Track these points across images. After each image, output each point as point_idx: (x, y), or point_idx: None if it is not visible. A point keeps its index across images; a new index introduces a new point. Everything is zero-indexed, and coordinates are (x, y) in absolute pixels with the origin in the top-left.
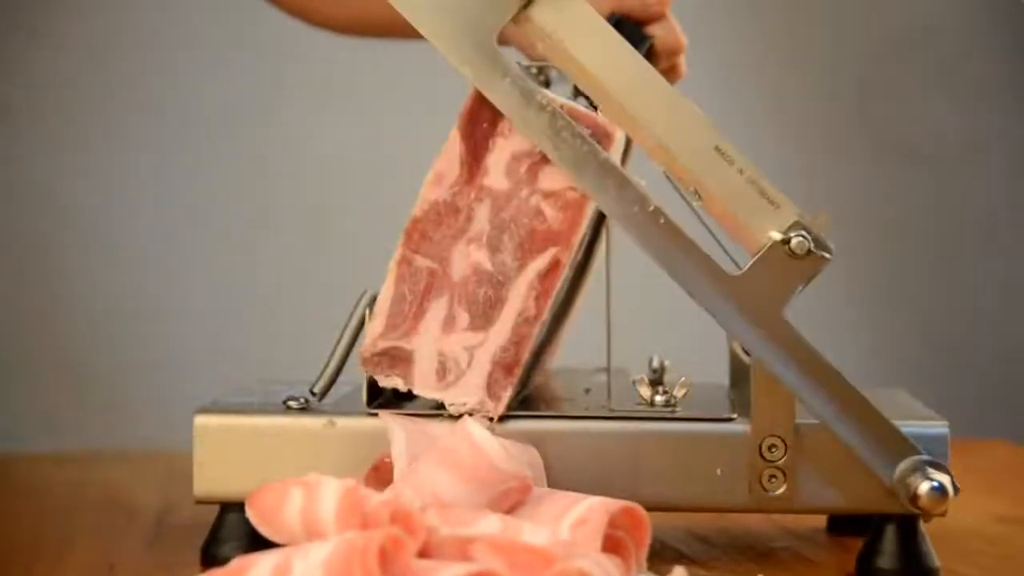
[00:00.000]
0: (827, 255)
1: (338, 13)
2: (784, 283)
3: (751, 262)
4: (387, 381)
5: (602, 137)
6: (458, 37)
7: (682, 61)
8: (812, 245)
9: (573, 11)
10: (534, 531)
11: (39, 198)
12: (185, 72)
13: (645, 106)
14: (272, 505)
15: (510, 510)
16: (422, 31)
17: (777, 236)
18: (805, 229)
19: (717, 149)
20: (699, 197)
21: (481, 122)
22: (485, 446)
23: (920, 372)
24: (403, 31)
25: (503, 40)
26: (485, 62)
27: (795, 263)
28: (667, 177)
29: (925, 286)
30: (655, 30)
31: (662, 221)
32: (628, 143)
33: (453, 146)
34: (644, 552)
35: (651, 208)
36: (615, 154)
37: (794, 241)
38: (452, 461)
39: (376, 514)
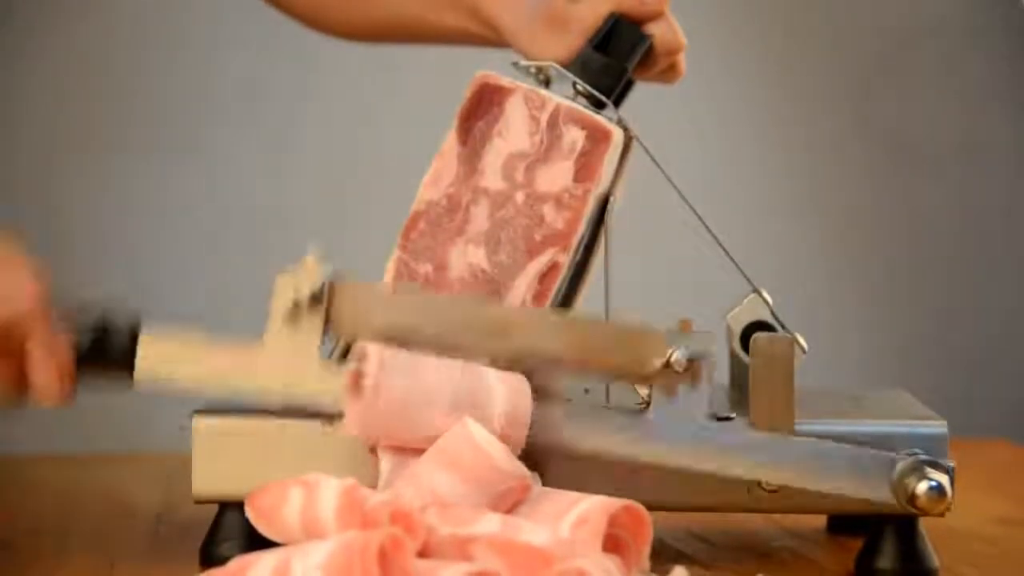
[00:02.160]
0: (708, 357)
1: (345, 19)
2: (690, 400)
3: (652, 396)
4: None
5: (601, 137)
6: (292, 376)
7: (681, 60)
8: (689, 354)
9: (370, 295)
10: (534, 531)
11: (38, 198)
12: (185, 72)
13: (480, 336)
14: (271, 505)
15: (510, 510)
16: (270, 393)
17: (658, 363)
18: (680, 344)
19: (565, 327)
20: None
21: (478, 122)
22: (486, 446)
23: (920, 372)
24: (408, 36)
25: (500, 42)
26: (327, 380)
27: (688, 376)
28: (666, 177)
29: (925, 286)
30: (653, 29)
31: (562, 410)
32: (628, 143)
33: (451, 146)
34: (645, 551)
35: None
36: (613, 154)
37: (673, 359)
38: (452, 461)
39: (376, 514)
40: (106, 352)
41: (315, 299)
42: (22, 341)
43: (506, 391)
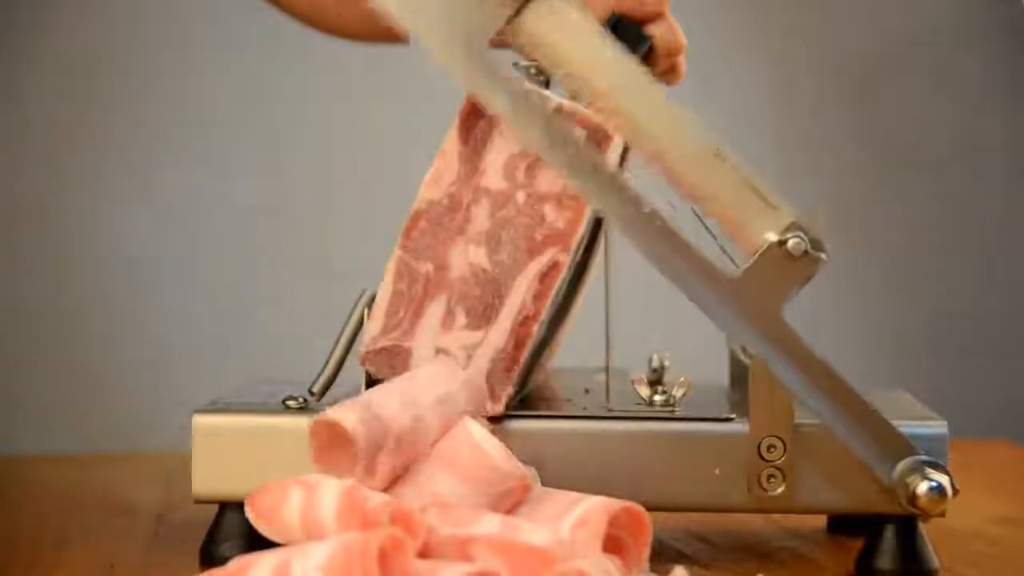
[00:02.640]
0: (823, 256)
1: (343, 19)
2: (781, 284)
3: (748, 263)
4: (385, 379)
5: (601, 137)
6: (450, 45)
7: (682, 61)
8: (809, 246)
9: (565, 17)
10: (534, 531)
11: (38, 199)
12: (185, 72)
13: (640, 111)
14: (271, 505)
15: (510, 510)
16: (416, 39)
17: (773, 237)
18: (802, 230)
19: (714, 152)
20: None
21: (480, 122)
22: (485, 446)
23: (920, 372)
24: (407, 37)
25: (499, 42)
26: (477, 69)
27: (792, 264)
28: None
29: (925, 286)
30: (654, 30)
31: (658, 223)
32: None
33: (452, 145)
34: (645, 552)
35: (647, 210)
36: (613, 154)
37: (791, 242)
38: (452, 461)
39: (376, 514)
40: None
41: None
42: None
43: None
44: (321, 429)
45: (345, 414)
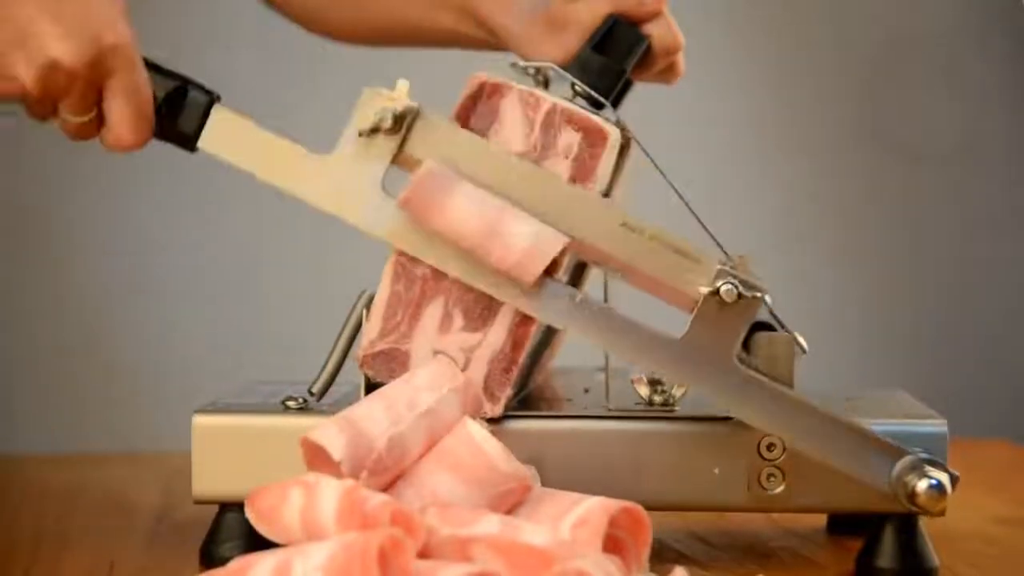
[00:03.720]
0: (758, 294)
1: (342, 21)
2: (725, 332)
3: (689, 322)
4: (384, 382)
5: (597, 138)
6: (346, 197)
7: (680, 60)
8: (741, 289)
9: (447, 137)
10: (534, 531)
11: (38, 198)
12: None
13: (544, 204)
14: (271, 505)
15: (510, 510)
16: (316, 205)
17: (705, 290)
18: (730, 275)
19: (624, 226)
20: (622, 276)
21: (474, 124)
22: (486, 447)
23: (920, 372)
24: (405, 39)
25: (500, 47)
26: (375, 212)
27: (730, 310)
28: (664, 177)
29: (925, 286)
30: (652, 29)
31: (593, 310)
32: (625, 143)
33: None
34: (645, 552)
35: (578, 299)
36: (610, 154)
37: (723, 290)
38: (452, 462)
39: (376, 514)
40: (180, 112)
41: (397, 122)
42: (106, 77)
43: (536, 229)
44: (309, 446)
45: (331, 438)
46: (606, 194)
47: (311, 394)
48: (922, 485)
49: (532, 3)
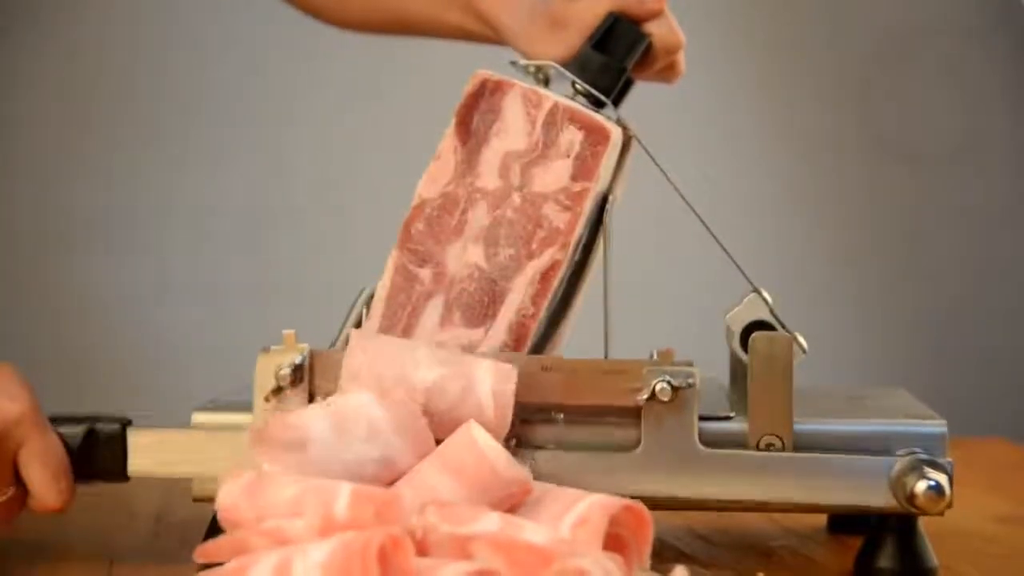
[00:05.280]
0: (691, 382)
1: (345, 10)
2: (679, 424)
3: (642, 434)
4: None
5: (598, 136)
6: None
7: (681, 59)
8: (673, 383)
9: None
10: (534, 530)
11: (39, 197)
12: (186, 72)
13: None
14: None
15: (510, 510)
16: None
17: (643, 398)
18: (661, 374)
19: (545, 369)
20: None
21: (476, 121)
22: (488, 451)
23: (920, 371)
24: (408, 31)
25: (502, 42)
26: None
27: (674, 403)
28: (665, 176)
29: (925, 286)
30: (653, 28)
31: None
32: (627, 142)
33: (449, 145)
34: (646, 550)
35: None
36: (612, 153)
37: (658, 389)
38: (455, 466)
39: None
40: (98, 451)
41: (297, 373)
42: (16, 448)
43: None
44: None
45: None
46: (607, 192)
47: None
48: (921, 486)
49: (533, 1)
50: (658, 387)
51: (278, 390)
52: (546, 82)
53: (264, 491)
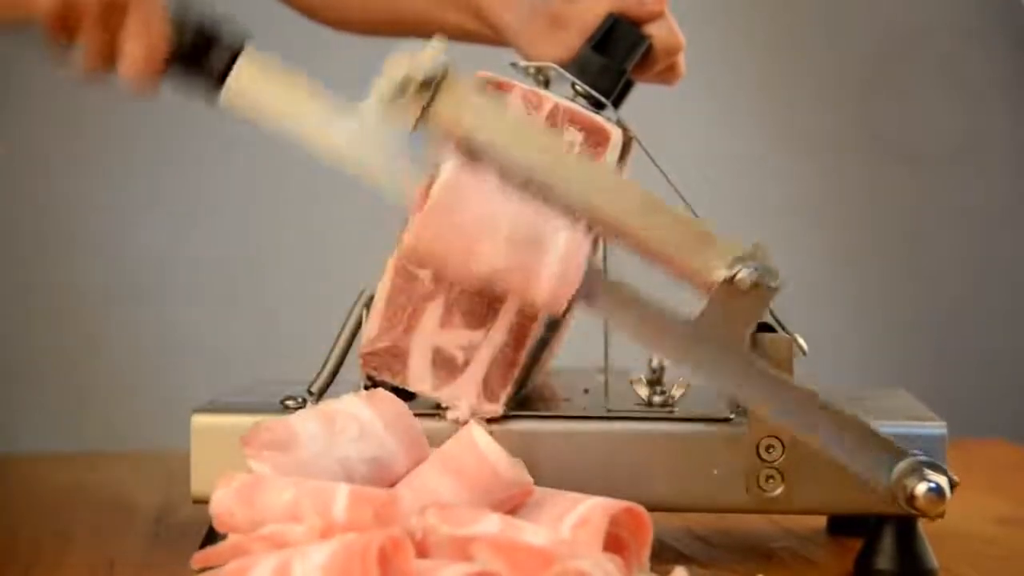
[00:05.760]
0: (774, 284)
1: (344, 11)
2: (738, 319)
3: (703, 306)
4: (384, 380)
5: (598, 138)
6: (373, 158)
7: (681, 60)
8: (756, 276)
9: (473, 101)
10: (535, 531)
11: (39, 199)
12: None
13: (565, 179)
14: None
15: (511, 511)
16: (340, 165)
17: (721, 276)
18: (748, 262)
19: (644, 204)
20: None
21: None
22: (488, 453)
23: (920, 372)
24: (407, 31)
25: (502, 43)
26: (396, 172)
27: (745, 297)
28: (665, 177)
29: (925, 286)
30: (653, 30)
31: (606, 284)
32: (627, 143)
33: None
34: (646, 552)
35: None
36: (612, 154)
37: (739, 276)
38: (455, 467)
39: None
40: (204, 57)
41: (425, 84)
42: (123, 12)
43: (566, 242)
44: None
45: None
46: None
47: (310, 393)
48: (921, 488)
49: (533, 2)
50: (740, 273)
51: (402, 91)
52: (546, 83)
53: (259, 495)
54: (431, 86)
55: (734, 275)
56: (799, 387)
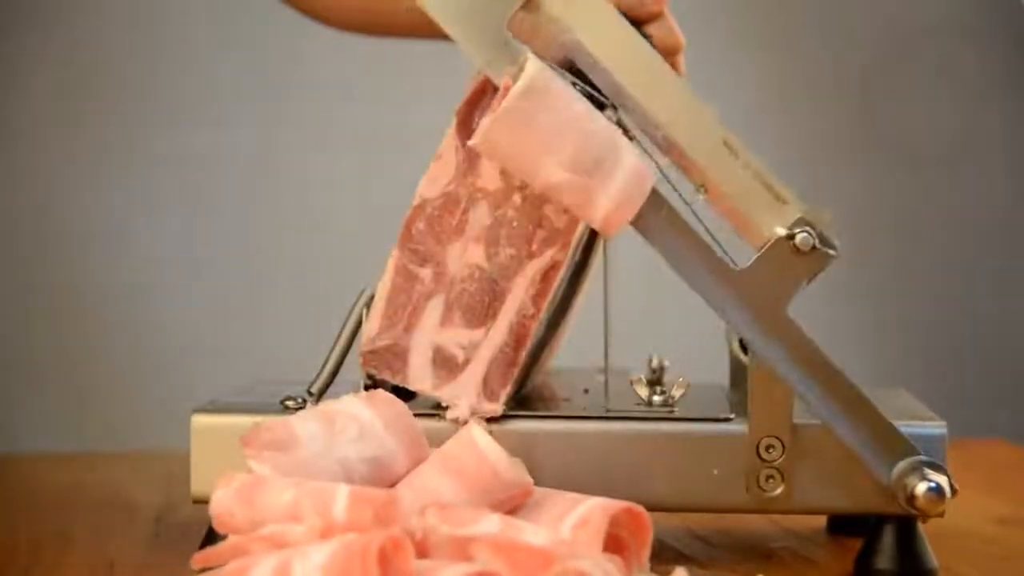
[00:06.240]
0: (832, 252)
1: (341, 10)
2: (788, 279)
3: (755, 257)
4: (384, 379)
5: None
6: (471, 27)
7: (680, 60)
8: (817, 242)
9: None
10: (535, 531)
11: (39, 200)
12: (184, 72)
13: (655, 99)
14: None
15: (511, 512)
16: (438, 23)
17: (782, 232)
18: (810, 225)
19: (725, 144)
20: (705, 191)
21: (478, 121)
22: (489, 454)
23: (920, 372)
24: (404, 31)
25: None
26: (497, 51)
27: (799, 259)
28: (665, 176)
29: (925, 285)
30: (652, 29)
31: (665, 212)
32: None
33: (449, 145)
34: (646, 552)
35: (655, 199)
36: None
37: (799, 237)
38: (455, 468)
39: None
40: None
41: None
42: None
43: (631, 168)
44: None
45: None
46: None
47: (310, 394)
48: (921, 488)
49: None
50: (800, 235)
51: None
52: None
53: (259, 496)
54: None
55: (794, 235)
56: (828, 362)
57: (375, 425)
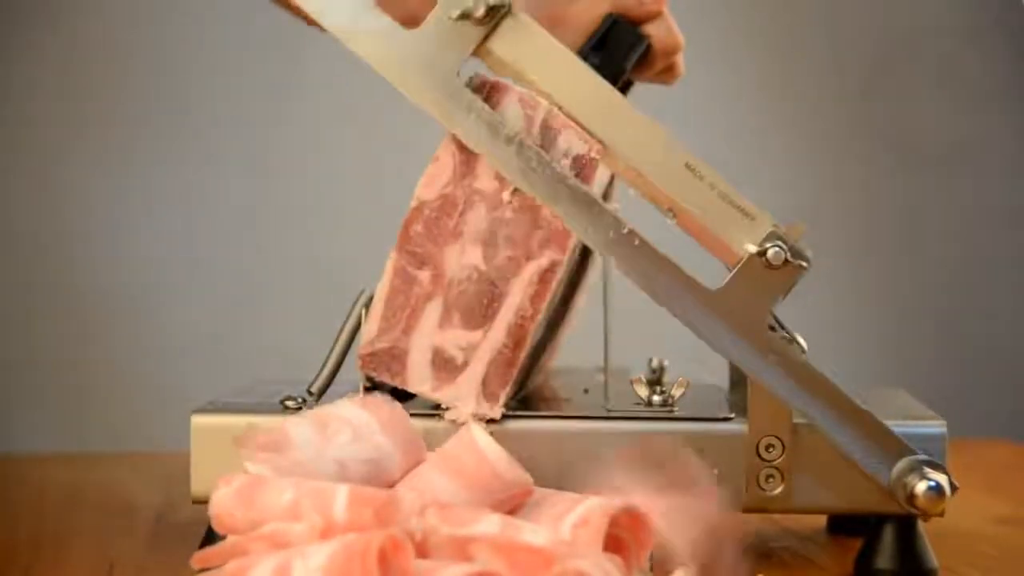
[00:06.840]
0: (804, 264)
1: None
2: (763, 295)
3: (729, 276)
4: (384, 380)
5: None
6: (420, 77)
7: (679, 60)
8: (788, 255)
9: (532, 42)
10: (535, 531)
11: (39, 199)
12: (183, 72)
13: (612, 130)
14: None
15: (511, 512)
16: (384, 74)
17: (753, 248)
18: (781, 239)
19: (687, 166)
20: (674, 216)
21: None
22: (489, 453)
23: (921, 372)
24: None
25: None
26: (448, 100)
27: (773, 274)
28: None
29: (926, 285)
30: (651, 29)
31: (637, 243)
32: None
33: (447, 147)
34: (646, 552)
35: (625, 230)
36: (604, 174)
37: (770, 252)
38: (455, 468)
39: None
40: None
41: (491, 11)
42: None
43: None
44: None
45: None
46: (604, 195)
47: (310, 394)
48: (921, 487)
49: (531, 2)
50: (771, 250)
51: (464, 16)
52: None
53: (259, 496)
54: (494, 16)
55: (766, 250)
56: (815, 371)
57: (371, 427)
